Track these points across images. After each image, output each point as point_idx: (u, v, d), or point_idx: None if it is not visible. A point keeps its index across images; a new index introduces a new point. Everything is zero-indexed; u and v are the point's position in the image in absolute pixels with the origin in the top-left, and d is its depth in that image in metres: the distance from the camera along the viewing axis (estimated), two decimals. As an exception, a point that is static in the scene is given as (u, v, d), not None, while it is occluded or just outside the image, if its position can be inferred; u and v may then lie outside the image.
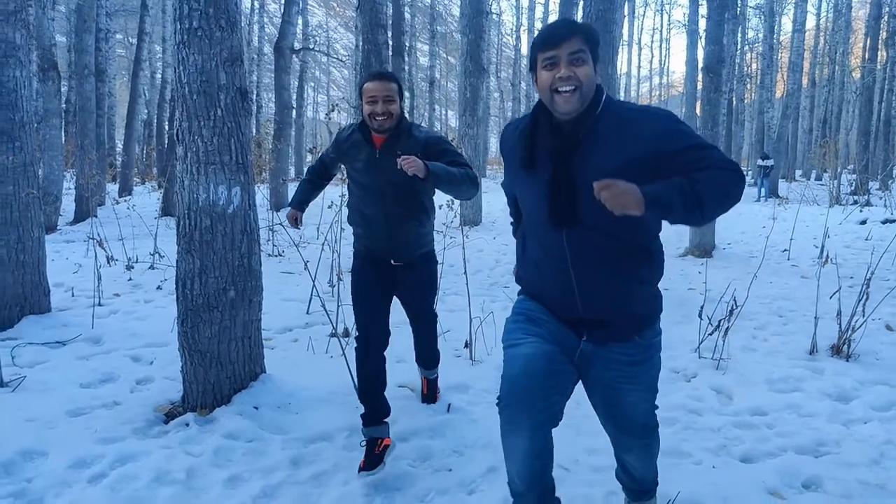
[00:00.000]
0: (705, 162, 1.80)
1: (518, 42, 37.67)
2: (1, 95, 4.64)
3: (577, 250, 1.94)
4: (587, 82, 1.86)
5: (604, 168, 1.80)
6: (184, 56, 3.32)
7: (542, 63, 1.88)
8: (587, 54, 1.87)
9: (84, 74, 12.61)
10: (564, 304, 2.02)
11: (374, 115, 2.88)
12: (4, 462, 2.87)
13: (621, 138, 1.85)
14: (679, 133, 1.85)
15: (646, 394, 2.16)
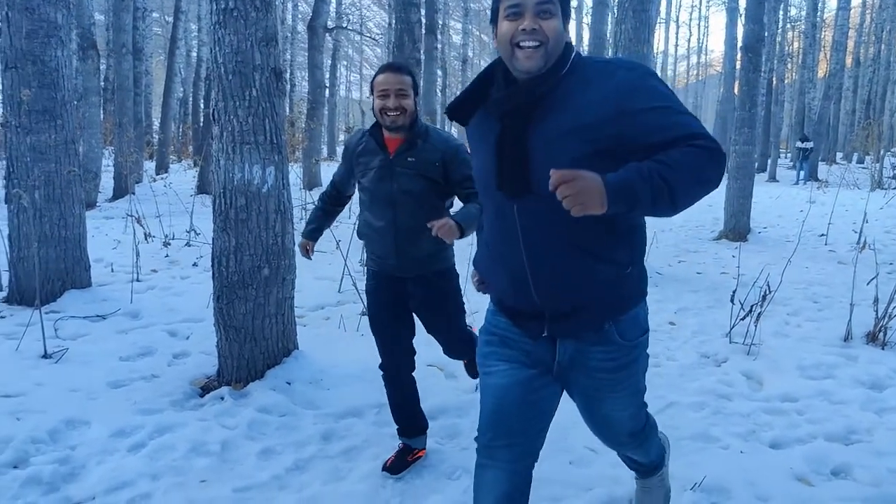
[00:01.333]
0: (677, 131, 1.53)
1: (552, 20, 37.10)
2: (43, 75, 4.76)
3: (529, 225, 1.67)
4: (554, 38, 1.62)
5: (560, 129, 1.59)
6: (220, 36, 3.36)
7: (505, 12, 1.63)
8: (556, 6, 1.63)
9: (122, 53, 12.80)
10: (518, 292, 1.75)
11: (385, 109, 2.61)
12: (50, 430, 2.99)
13: (583, 98, 1.60)
14: (646, 90, 1.58)
15: (630, 398, 1.93)
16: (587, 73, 1.64)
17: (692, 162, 1.49)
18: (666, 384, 3.81)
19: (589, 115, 1.57)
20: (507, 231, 1.71)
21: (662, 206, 1.47)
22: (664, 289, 6.10)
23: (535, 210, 1.64)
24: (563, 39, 1.64)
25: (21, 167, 4.76)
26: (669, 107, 1.57)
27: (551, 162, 1.49)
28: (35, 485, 2.61)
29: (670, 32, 46.27)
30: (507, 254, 1.73)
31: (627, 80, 1.58)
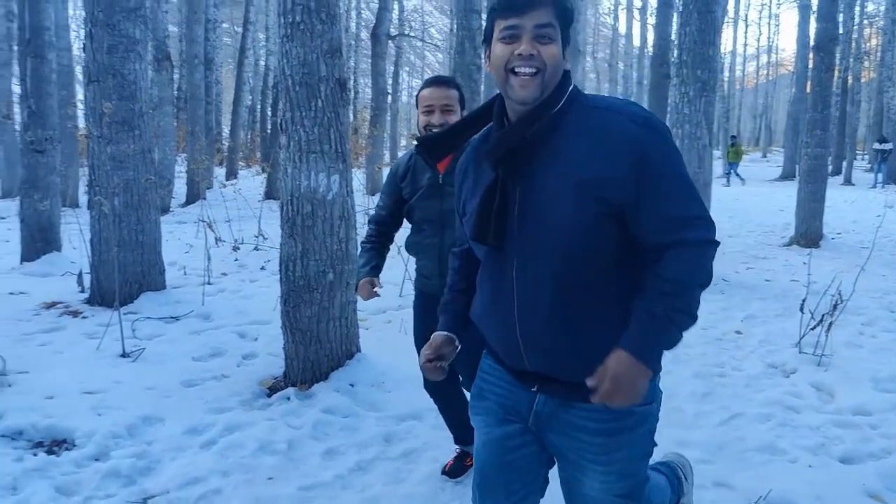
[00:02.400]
0: (677, 232, 1.43)
1: (616, 21, 36.67)
2: (122, 87, 5.01)
3: (524, 287, 1.50)
4: (552, 66, 1.46)
5: (558, 183, 1.44)
6: (287, 49, 3.49)
7: (500, 34, 1.47)
8: (557, 31, 1.47)
9: (194, 64, 13.31)
10: (509, 352, 1.59)
11: (430, 126, 2.50)
12: (128, 426, 3.15)
13: (586, 147, 1.44)
14: (661, 156, 1.44)
15: (616, 482, 1.58)
16: (590, 117, 1.47)
17: (692, 274, 1.44)
18: (731, 394, 3.73)
19: (592, 171, 1.42)
20: (501, 294, 1.54)
21: (685, 328, 1.45)
22: (731, 296, 5.96)
23: (532, 275, 1.49)
24: (561, 67, 1.50)
25: (102, 175, 5.02)
26: (680, 180, 1.46)
27: (549, 222, 1.44)
28: (115, 477, 2.76)
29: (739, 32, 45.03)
30: (500, 317, 1.56)
31: (641, 141, 1.43)
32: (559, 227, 1.43)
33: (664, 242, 1.44)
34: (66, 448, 3.01)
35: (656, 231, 1.45)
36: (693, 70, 6.41)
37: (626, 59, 33.96)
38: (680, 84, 6.53)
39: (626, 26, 33.38)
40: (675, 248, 1.44)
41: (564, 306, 1.48)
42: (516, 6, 1.46)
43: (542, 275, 1.47)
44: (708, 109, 6.48)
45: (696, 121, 6.45)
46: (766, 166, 30.12)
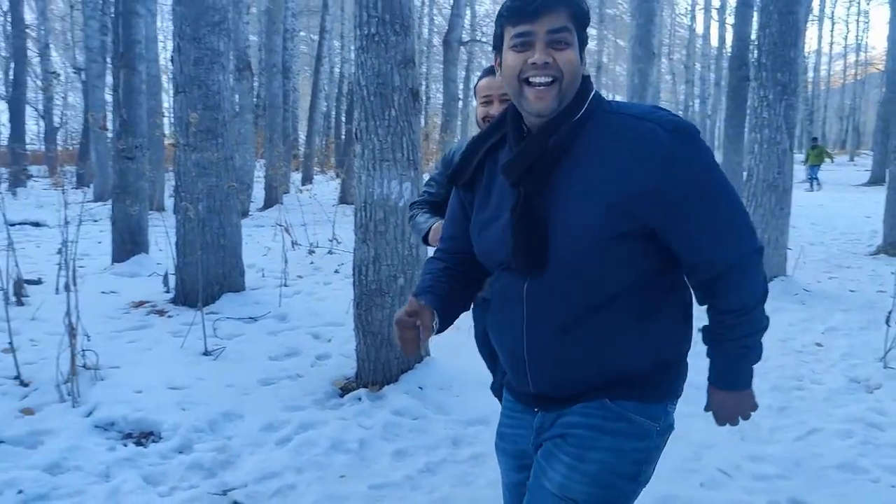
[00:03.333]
0: (722, 250, 1.35)
1: (693, 21, 35.78)
2: (207, 98, 5.26)
3: (537, 311, 1.41)
4: (570, 73, 1.35)
5: (583, 200, 1.33)
6: (363, 60, 3.59)
7: (512, 41, 1.36)
8: (573, 35, 1.35)
9: (273, 72, 13.77)
10: (516, 370, 1.50)
11: (488, 118, 2.39)
12: (210, 421, 3.31)
13: (611, 160, 1.33)
14: (698, 166, 1.33)
15: (578, 482, 1.39)
16: (614, 125, 1.36)
17: (751, 296, 1.40)
18: (809, 408, 3.61)
19: (618, 184, 1.31)
20: (511, 313, 1.45)
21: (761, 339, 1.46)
22: (812, 307, 5.74)
23: (547, 294, 1.39)
24: (579, 73, 1.38)
25: (187, 181, 5.28)
26: (718, 187, 1.35)
27: (571, 240, 1.34)
28: (197, 469, 2.91)
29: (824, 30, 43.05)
30: (508, 336, 1.48)
31: (672, 149, 1.30)
32: (580, 245, 1.33)
33: (709, 261, 1.37)
34: (153, 440, 3.19)
35: (698, 249, 1.37)
36: (773, 73, 6.22)
37: (704, 60, 33.07)
38: (759, 87, 6.34)
39: (704, 26, 32.52)
40: (727, 274, 1.37)
41: (577, 326, 1.38)
42: (527, 11, 1.33)
43: (556, 292, 1.38)
44: (789, 113, 6.27)
45: (777, 125, 6.25)
46: (853, 170, 28.71)
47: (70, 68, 25.52)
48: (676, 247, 1.37)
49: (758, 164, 6.32)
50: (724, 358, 1.46)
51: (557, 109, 1.36)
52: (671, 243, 1.37)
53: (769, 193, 6.29)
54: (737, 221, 1.37)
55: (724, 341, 1.44)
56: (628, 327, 1.38)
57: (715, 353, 1.47)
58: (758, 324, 1.43)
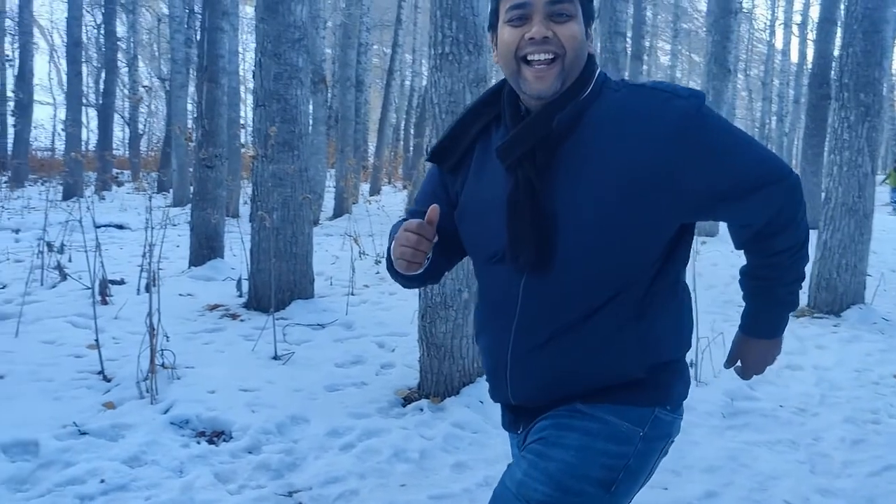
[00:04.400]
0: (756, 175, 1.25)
1: (772, 37, 34.73)
2: (285, 111, 5.46)
3: (534, 305, 1.27)
4: (574, 49, 1.20)
5: (592, 185, 1.19)
6: (436, 79, 3.68)
7: (507, 15, 1.22)
8: (576, 6, 1.21)
9: (346, 86, 14.12)
10: (496, 375, 1.37)
11: None
12: (278, 423, 3.44)
13: (623, 136, 1.19)
14: (713, 126, 1.22)
15: (537, 480, 1.26)
16: (622, 100, 1.23)
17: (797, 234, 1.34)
18: (886, 443, 3.47)
19: (633, 163, 1.18)
20: (501, 310, 1.31)
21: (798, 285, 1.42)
22: (891, 337, 5.50)
23: (548, 292, 1.25)
24: (584, 50, 1.24)
25: (263, 192, 5.49)
26: (737, 137, 1.26)
27: (581, 232, 1.20)
28: (265, 470, 3.03)
29: (915, 46, 41.00)
30: (493, 336, 1.35)
31: (683, 114, 1.19)
32: (590, 237, 1.20)
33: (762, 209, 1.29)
34: (224, 439, 3.33)
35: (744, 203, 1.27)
36: (855, 93, 6.01)
37: (782, 76, 32.04)
38: (840, 108, 6.14)
39: (783, 42, 31.53)
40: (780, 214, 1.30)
41: (573, 329, 1.25)
42: None
43: (557, 291, 1.24)
44: (871, 135, 6.04)
45: (858, 147, 6.04)
46: (943, 194, 27.18)
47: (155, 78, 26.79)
48: (717, 213, 1.30)
49: (836, 186, 6.12)
50: (772, 304, 1.43)
51: (560, 91, 1.22)
52: (712, 211, 1.28)
53: (848, 218, 6.07)
54: (772, 162, 1.29)
55: (775, 286, 1.40)
56: (627, 329, 1.25)
57: (761, 301, 1.43)
58: (805, 262, 1.39)
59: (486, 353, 1.39)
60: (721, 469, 3.14)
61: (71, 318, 5.13)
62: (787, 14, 30.91)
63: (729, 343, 1.59)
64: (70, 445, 3.10)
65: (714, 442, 3.41)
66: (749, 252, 1.41)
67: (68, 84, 16.19)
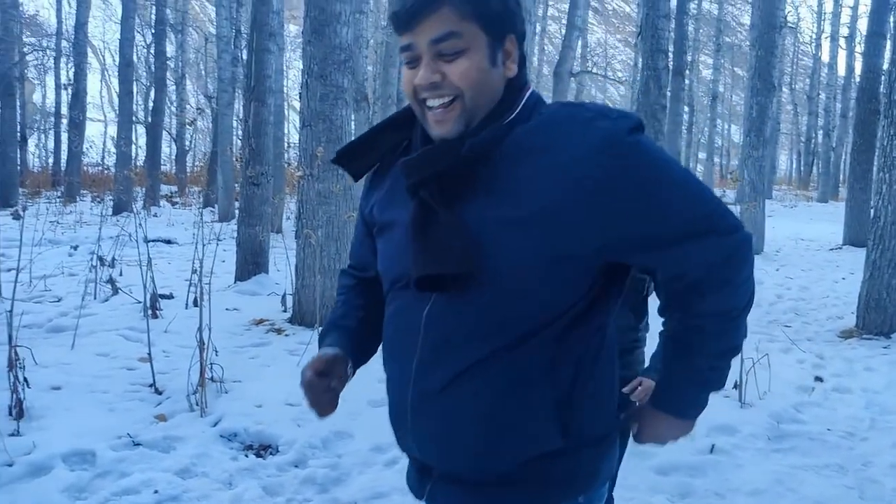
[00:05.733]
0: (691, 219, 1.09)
1: (818, 51, 34.12)
2: (330, 131, 5.59)
3: (437, 337, 1.13)
4: (472, 86, 1.07)
5: (503, 217, 1.06)
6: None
7: (401, 56, 1.12)
8: (473, 36, 1.06)
9: (388, 103, 14.31)
10: (398, 419, 1.24)
11: None
12: (323, 438, 3.51)
13: (540, 165, 1.06)
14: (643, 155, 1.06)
15: None
16: (545, 126, 1.09)
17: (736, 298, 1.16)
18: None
19: (550, 194, 1.04)
20: (404, 342, 1.18)
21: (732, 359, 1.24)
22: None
23: (452, 322, 1.11)
24: (491, 83, 1.10)
25: (309, 210, 5.63)
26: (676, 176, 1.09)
27: (487, 257, 1.06)
28: (311, 484, 3.10)
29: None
30: (395, 373, 1.22)
31: (618, 141, 1.04)
32: (500, 267, 1.07)
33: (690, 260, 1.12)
34: (271, 453, 3.42)
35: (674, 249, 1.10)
36: (905, 110, 5.90)
37: (829, 90, 31.42)
38: (889, 125, 6.03)
39: (830, 55, 30.95)
40: (713, 271, 1.12)
41: (477, 370, 1.10)
42: (402, 20, 1.08)
43: (461, 322, 1.11)
44: (922, 153, 5.91)
45: (908, 165, 5.91)
46: None
47: (202, 96, 27.52)
48: (643, 256, 1.12)
49: (885, 205, 5.99)
50: (688, 377, 1.21)
51: (466, 131, 1.10)
52: (638, 254, 1.11)
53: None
54: (716, 208, 1.12)
55: (694, 355, 1.19)
56: (537, 379, 1.10)
57: (676, 370, 1.22)
58: (738, 336, 1.20)
59: (388, 391, 1.25)
60: (766, 493, 3.10)
61: (123, 331, 5.31)
62: (833, 27, 30.36)
63: (773, 365, 1.53)
64: (125, 456, 3.22)
65: (759, 465, 3.37)
66: (674, 309, 1.22)
67: (120, 103, 16.75)
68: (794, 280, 8.86)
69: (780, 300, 7.55)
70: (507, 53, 1.12)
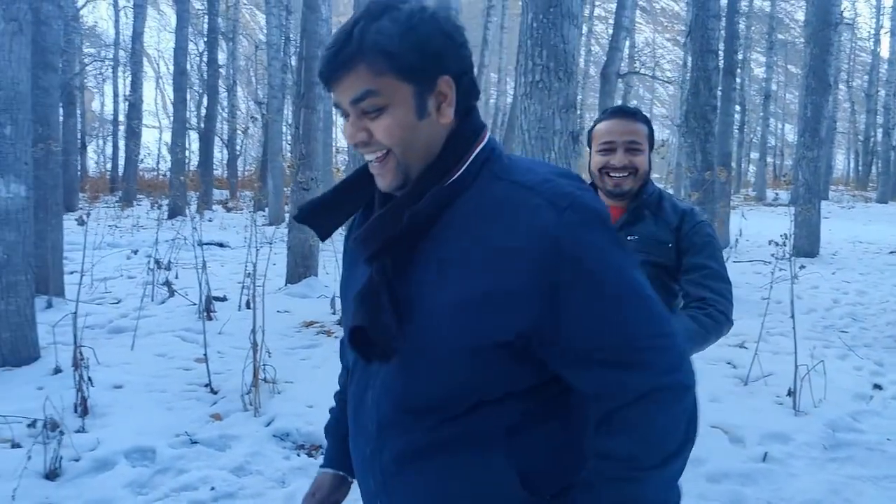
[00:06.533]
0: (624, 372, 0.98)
1: (877, 46, 32.98)
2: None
3: (387, 413, 1.07)
4: (398, 142, 1.02)
5: (443, 298, 0.99)
6: (525, 106, 3.77)
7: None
8: (392, 92, 1.00)
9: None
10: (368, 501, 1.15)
11: (608, 169, 1.97)
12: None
13: (483, 243, 0.98)
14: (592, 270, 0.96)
15: None
16: (495, 193, 1.01)
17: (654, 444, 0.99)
18: None
19: (483, 280, 0.97)
20: (361, 421, 1.12)
21: None
22: None
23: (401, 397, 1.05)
24: (420, 134, 1.02)
25: (357, 213, 5.71)
26: (622, 289, 0.98)
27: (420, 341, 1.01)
28: (361, 484, 3.15)
29: None
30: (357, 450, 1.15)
31: (558, 235, 0.95)
32: (433, 356, 1.01)
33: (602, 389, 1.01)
34: (322, 452, 3.48)
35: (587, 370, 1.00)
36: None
37: (888, 86, 30.34)
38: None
39: (890, 51, 29.89)
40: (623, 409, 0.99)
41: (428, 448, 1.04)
42: (323, 80, 1.04)
43: (407, 396, 1.05)
44: None
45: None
46: None
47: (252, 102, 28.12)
48: (560, 369, 1.02)
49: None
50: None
51: (405, 184, 1.05)
52: (554, 364, 1.02)
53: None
54: (651, 339, 0.98)
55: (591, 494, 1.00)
56: (494, 448, 1.02)
57: None
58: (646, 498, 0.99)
59: (357, 464, 1.17)
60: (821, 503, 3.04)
61: (179, 332, 5.49)
62: (893, 22, 29.32)
63: (828, 372, 1.44)
64: (183, 454, 3.33)
65: (814, 475, 3.30)
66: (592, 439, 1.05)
67: (174, 110, 17.24)
68: (850, 284, 8.60)
69: (837, 305, 7.35)
70: (442, 96, 1.03)
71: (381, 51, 0.98)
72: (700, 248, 1.91)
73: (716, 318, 1.82)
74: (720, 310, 1.84)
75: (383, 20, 0.99)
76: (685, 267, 1.92)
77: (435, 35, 1.00)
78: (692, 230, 1.93)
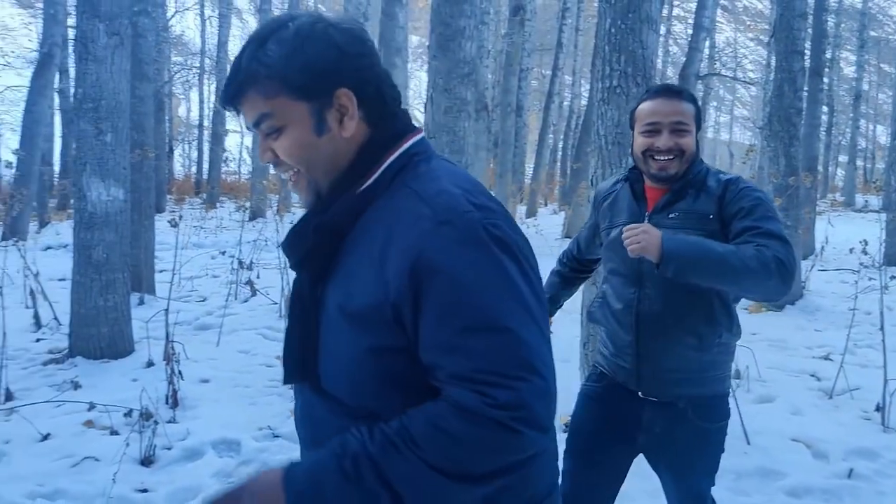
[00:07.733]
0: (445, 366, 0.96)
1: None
2: (453, 143, 5.75)
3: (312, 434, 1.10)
4: (299, 160, 1.04)
5: (342, 307, 1.01)
6: (602, 112, 3.76)
7: None
8: (286, 111, 1.01)
9: (507, 111, 14.44)
10: None
11: (652, 151, 1.84)
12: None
13: (370, 251, 0.99)
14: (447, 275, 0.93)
15: None
16: (391, 210, 1.01)
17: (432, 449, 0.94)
18: None
19: (364, 287, 0.98)
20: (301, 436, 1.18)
21: None
22: None
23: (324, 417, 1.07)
24: (323, 150, 1.03)
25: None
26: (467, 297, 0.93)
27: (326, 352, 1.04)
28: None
29: None
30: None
31: (427, 243, 0.94)
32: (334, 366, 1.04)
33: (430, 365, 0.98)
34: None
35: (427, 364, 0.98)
36: None
37: None
38: None
39: None
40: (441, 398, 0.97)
41: None
42: (223, 108, 1.07)
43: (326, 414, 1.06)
44: None
45: None
46: None
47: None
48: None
49: None
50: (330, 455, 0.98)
51: (319, 199, 1.06)
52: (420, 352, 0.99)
53: None
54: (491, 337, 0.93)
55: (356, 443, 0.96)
56: None
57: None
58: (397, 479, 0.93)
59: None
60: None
61: (261, 330, 5.71)
62: None
63: None
64: (266, 447, 3.49)
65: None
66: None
67: (256, 115, 17.80)
68: (948, 295, 8.13)
69: (932, 317, 6.96)
70: (343, 109, 1.02)
71: (267, 76, 0.99)
72: (748, 211, 1.76)
73: (762, 253, 1.66)
74: (770, 253, 1.66)
75: (269, 44, 1.00)
76: (733, 233, 1.77)
77: (325, 51, 1.00)
78: (737, 196, 1.80)
